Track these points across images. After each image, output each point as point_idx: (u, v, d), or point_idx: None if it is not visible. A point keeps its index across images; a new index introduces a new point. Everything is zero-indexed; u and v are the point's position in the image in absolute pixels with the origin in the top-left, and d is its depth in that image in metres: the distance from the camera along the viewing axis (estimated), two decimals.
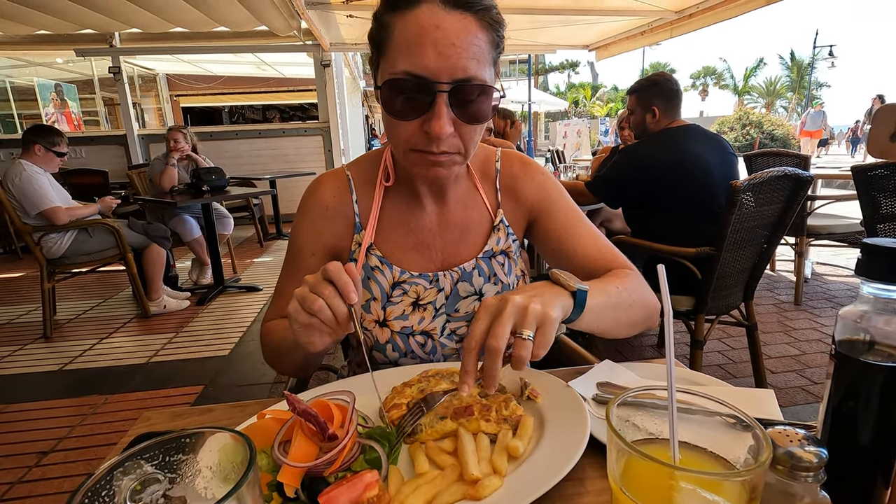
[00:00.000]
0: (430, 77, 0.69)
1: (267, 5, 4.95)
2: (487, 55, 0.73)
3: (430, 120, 0.71)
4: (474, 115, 0.73)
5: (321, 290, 0.63)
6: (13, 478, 1.93)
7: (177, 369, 2.83)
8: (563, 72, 43.47)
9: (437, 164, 0.76)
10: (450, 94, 0.70)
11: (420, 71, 0.69)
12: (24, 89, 9.82)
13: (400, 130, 0.74)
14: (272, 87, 13.62)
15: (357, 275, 0.65)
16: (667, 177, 2.14)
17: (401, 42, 0.70)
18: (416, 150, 0.76)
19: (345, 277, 0.63)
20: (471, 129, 0.75)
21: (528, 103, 18.47)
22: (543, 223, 0.95)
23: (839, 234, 3.50)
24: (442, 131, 0.71)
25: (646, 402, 0.44)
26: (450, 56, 0.68)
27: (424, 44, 0.68)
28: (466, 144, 0.76)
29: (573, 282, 0.67)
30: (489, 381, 0.57)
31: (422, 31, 0.68)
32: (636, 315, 0.81)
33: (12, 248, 5.85)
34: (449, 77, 0.69)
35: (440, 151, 0.74)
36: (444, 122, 0.71)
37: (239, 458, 0.37)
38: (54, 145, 3.41)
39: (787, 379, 2.53)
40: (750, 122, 24.00)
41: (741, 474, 0.35)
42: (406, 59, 0.69)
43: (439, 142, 0.73)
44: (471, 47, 0.70)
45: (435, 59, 0.68)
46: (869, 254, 0.43)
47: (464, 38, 0.69)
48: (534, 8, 5.14)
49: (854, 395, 0.45)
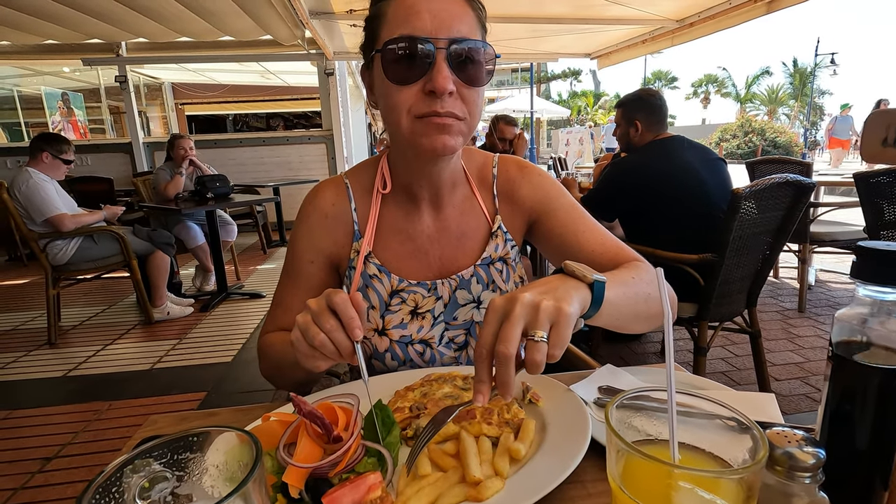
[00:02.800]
0: (427, 35, 0.72)
1: (272, 15, 5.00)
2: (476, 28, 0.77)
3: (431, 78, 0.73)
4: (473, 77, 0.75)
5: (324, 324, 0.60)
6: (16, 483, 1.93)
7: (180, 376, 2.84)
8: (566, 80, 43.62)
9: (442, 130, 0.75)
10: (448, 52, 0.73)
11: (417, 32, 0.72)
12: (31, 98, 9.93)
13: (402, 97, 0.75)
14: (276, 96, 13.74)
15: (363, 306, 0.62)
16: (659, 187, 2.18)
17: (396, 15, 0.74)
18: (421, 117, 0.75)
19: (351, 312, 0.60)
20: (472, 93, 0.76)
21: (530, 111, 18.54)
22: (545, 223, 0.94)
23: (842, 241, 3.49)
24: (446, 83, 0.72)
25: (645, 405, 0.45)
26: (444, 18, 0.73)
27: (420, 10, 0.73)
28: (470, 109, 0.77)
29: (589, 272, 0.61)
30: (505, 390, 0.52)
31: (415, 2, 0.73)
32: (650, 307, 0.75)
33: (18, 255, 5.90)
34: (447, 34, 0.73)
35: (445, 112, 0.74)
36: (447, 76, 0.72)
37: (245, 458, 0.38)
38: (61, 153, 3.44)
39: (792, 386, 2.52)
40: (752, 129, 24.03)
41: (738, 472, 0.36)
42: (403, 25, 0.73)
43: (443, 100, 0.73)
44: (462, 15, 0.75)
45: (431, 20, 0.72)
46: (863, 256, 0.44)
47: (455, 7, 0.75)
48: (536, 17, 5.18)
49: (851, 396, 0.45)
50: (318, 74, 7.21)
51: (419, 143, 0.77)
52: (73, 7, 4.67)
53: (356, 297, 0.62)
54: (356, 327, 0.60)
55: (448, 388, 0.72)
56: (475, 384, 0.54)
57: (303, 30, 5.52)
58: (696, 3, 4.74)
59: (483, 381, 0.53)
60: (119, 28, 5.50)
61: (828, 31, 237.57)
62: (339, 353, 0.61)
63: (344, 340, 0.60)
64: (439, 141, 0.76)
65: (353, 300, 0.61)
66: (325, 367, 0.64)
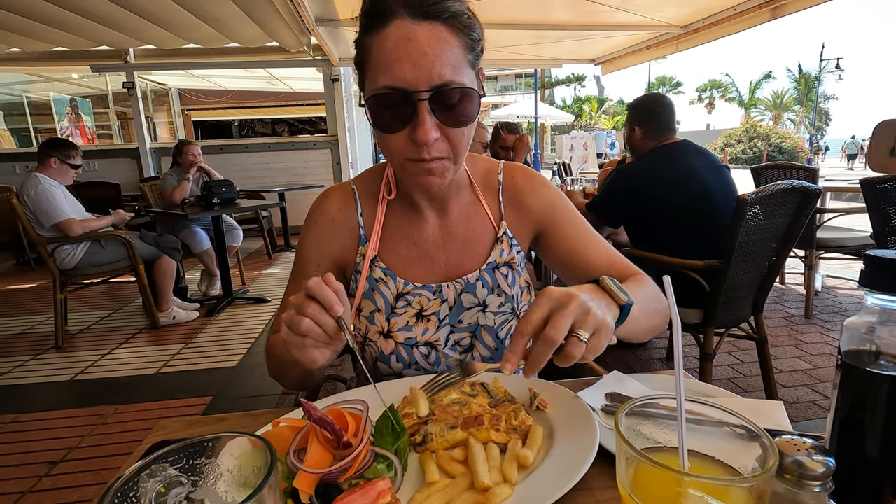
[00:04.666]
0: (408, 87, 0.71)
1: (278, 22, 5.05)
2: (463, 59, 0.75)
3: (414, 129, 0.73)
4: (458, 119, 0.75)
5: (305, 309, 0.63)
6: (23, 487, 1.94)
7: (186, 380, 2.85)
8: (570, 85, 43.71)
9: (430, 173, 0.78)
10: (430, 101, 0.72)
11: (398, 83, 0.71)
12: (40, 104, 10.03)
13: (390, 143, 0.77)
14: (282, 102, 13.83)
15: (338, 285, 0.65)
16: (665, 192, 2.18)
17: (378, 59, 0.73)
18: (410, 160, 0.78)
19: (325, 290, 0.63)
20: (458, 133, 0.77)
21: (534, 117, 18.59)
22: (551, 235, 0.96)
23: (849, 247, 3.47)
24: (427, 137, 0.73)
25: (654, 412, 0.45)
26: (423, 65, 0.71)
27: (399, 57, 0.71)
28: (455, 148, 0.78)
29: (622, 294, 0.66)
30: (533, 366, 0.58)
31: (395, 45, 0.71)
32: (657, 319, 0.84)
33: (25, 259, 5.94)
34: (427, 85, 0.71)
35: (431, 158, 0.76)
36: (429, 128, 0.73)
37: (259, 463, 0.38)
38: (69, 158, 3.48)
39: (799, 393, 2.50)
40: (757, 134, 23.98)
41: (748, 480, 0.36)
42: (385, 74, 0.72)
43: (428, 148, 0.75)
44: (444, 54, 0.72)
45: (410, 70, 0.71)
46: (873, 265, 0.44)
47: (436, 46, 0.72)
48: (540, 23, 5.20)
49: (861, 404, 0.45)
50: (324, 80, 7.26)
51: (411, 181, 0.82)
52: (82, 14, 4.74)
53: (328, 278, 0.65)
54: (334, 303, 0.63)
55: (455, 395, 0.72)
56: (506, 353, 0.59)
57: (309, 36, 5.56)
58: (701, 10, 4.75)
59: (515, 354, 0.58)
60: (127, 35, 5.57)
61: (833, 36, 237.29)
62: (326, 334, 0.64)
63: (328, 320, 0.63)
64: (427, 182, 0.80)
65: (326, 281, 0.64)
66: (322, 359, 0.66)
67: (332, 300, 0.63)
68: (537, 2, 4.60)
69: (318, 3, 4.50)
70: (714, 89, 45.68)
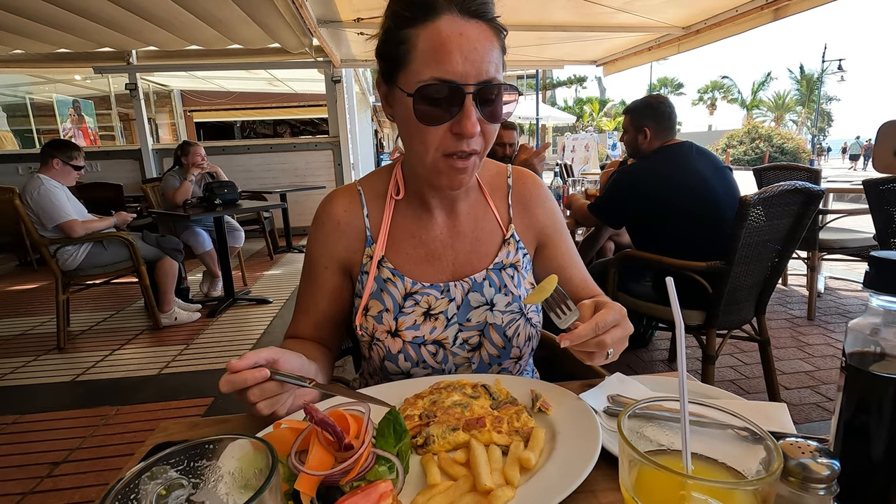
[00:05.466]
0: (458, 80, 0.73)
1: (280, 23, 5.06)
2: (500, 59, 0.79)
3: (460, 121, 0.75)
4: (496, 114, 0.79)
5: (244, 400, 0.70)
6: (25, 488, 1.94)
7: (187, 381, 2.85)
8: (571, 86, 43.70)
9: (463, 171, 0.81)
10: (476, 95, 0.75)
11: (448, 76, 0.73)
12: (43, 105, 10.08)
13: (430, 136, 0.78)
14: (283, 103, 13.86)
15: (252, 357, 0.70)
16: (667, 193, 2.17)
17: (426, 51, 0.74)
18: (447, 155, 0.79)
19: (242, 376, 0.69)
20: (492, 129, 0.80)
21: (536, 118, 18.59)
22: (549, 249, 1.01)
23: (852, 249, 3.47)
24: (474, 129, 0.76)
25: (656, 414, 0.45)
26: (474, 60, 0.74)
27: (451, 50, 0.73)
28: (487, 143, 0.82)
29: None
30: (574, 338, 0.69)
31: (447, 39, 0.73)
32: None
33: (28, 260, 5.95)
34: (475, 79, 0.74)
35: (470, 150, 0.79)
36: (475, 121, 0.76)
37: (261, 465, 0.38)
38: (71, 159, 3.49)
39: (802, 395, 2.49)
40: (759, 135, 23.95)
41: (752, 483, 0.36)
42: (434, 66, 0.74)
43: (469, 141, 0.78)
44: (490, 52, 0.76)
45: (462, 63, 0.73)
46: (877, 266, 0.44)
47: (483, 44, 0.75)
48: (542, 24, 5.21)
49: (865, 407, 0.45)
50: (326, 82, 7.27)
51: (438, 180, 0.84)
52: (85, 16, 4.75)
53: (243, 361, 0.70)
54: (255, 376, 0.69)
55: (457, 396, 0.72)
56: (574, 333, 0.69)
57: (310, 38, 5.57)
58: (703, 11, 4.75)
59: (580, 337, 0.69)
60: (130, 37, 5.58)
61: (835, 37, 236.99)
62: (272, 400, 0.70)
63: (267, 386, 0.70)
64: (457, 181, 0.82)
65: (245, 358, 0.70)
66: (282, 409, 0.72)
67: (250, 378, 0.68)
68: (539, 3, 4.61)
69: (320, 5, 4.51)
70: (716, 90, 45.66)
